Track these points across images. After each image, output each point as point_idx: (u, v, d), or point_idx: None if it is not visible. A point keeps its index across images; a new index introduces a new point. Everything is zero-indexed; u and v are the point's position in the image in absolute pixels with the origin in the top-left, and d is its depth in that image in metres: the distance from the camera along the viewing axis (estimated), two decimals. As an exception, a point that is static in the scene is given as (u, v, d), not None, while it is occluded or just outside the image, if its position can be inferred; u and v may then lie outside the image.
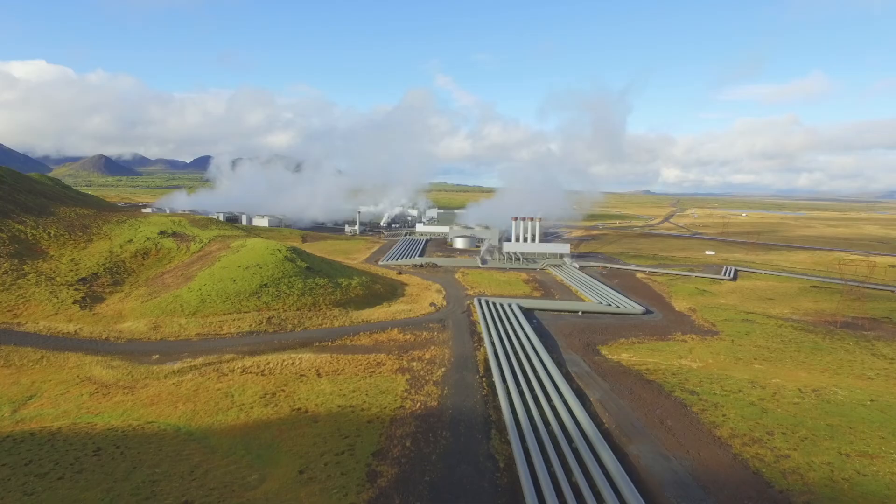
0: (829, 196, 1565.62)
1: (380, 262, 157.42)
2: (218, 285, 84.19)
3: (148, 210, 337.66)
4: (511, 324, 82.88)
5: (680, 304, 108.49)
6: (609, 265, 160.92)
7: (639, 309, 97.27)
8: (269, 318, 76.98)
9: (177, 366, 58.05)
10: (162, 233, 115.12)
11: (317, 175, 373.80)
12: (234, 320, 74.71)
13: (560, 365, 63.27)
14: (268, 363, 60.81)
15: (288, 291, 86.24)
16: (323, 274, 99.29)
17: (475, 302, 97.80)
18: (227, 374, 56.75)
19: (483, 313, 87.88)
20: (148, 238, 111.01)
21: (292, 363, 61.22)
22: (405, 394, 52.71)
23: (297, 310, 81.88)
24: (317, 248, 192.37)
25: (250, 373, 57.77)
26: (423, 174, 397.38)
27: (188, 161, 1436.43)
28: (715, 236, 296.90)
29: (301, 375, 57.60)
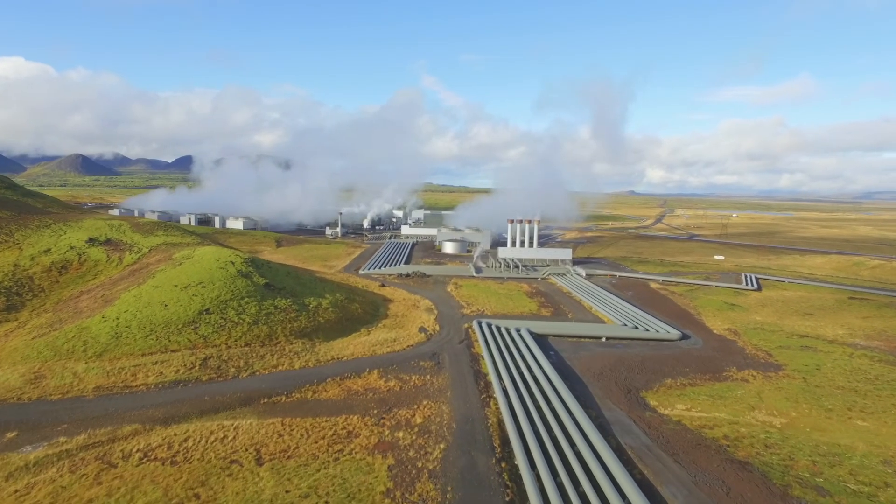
0: (810, 196, 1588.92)
1: (360, 272, 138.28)
2: (144, 311, 64.26)
3: (115, 211, 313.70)
4: (524, 358, 64.77)
5: (715, 324, 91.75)
6: (617, 273, 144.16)
7: (674, 333, 79.99)
8: (205, 358, 57.39)
9: (37, 453, 38.31)
10: (91, 240, 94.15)
11: (300, 176, 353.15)
12: (155, 364, 54.96)
13: (605, 432, 45.20)
14: (186, 439, 41.50)
15: (237, 319, 66.61)
16: (286, 292, 79.84)
17: (475, 326, 79.52)
18: (115, 466, 37.32)
19: (487, 344, 69.59)
20: (71, 247, 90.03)
21: (223, 437, 42.02)
22: (387, 500, 34.05)
23: (246, 345, 62.35)
24: (291, 255, 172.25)
25: (154, 459, 38.44)
26: (413, 174, 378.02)
27: (170, 161, 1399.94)
28: (714, 238, 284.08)
29: (231, 462, 38.48)
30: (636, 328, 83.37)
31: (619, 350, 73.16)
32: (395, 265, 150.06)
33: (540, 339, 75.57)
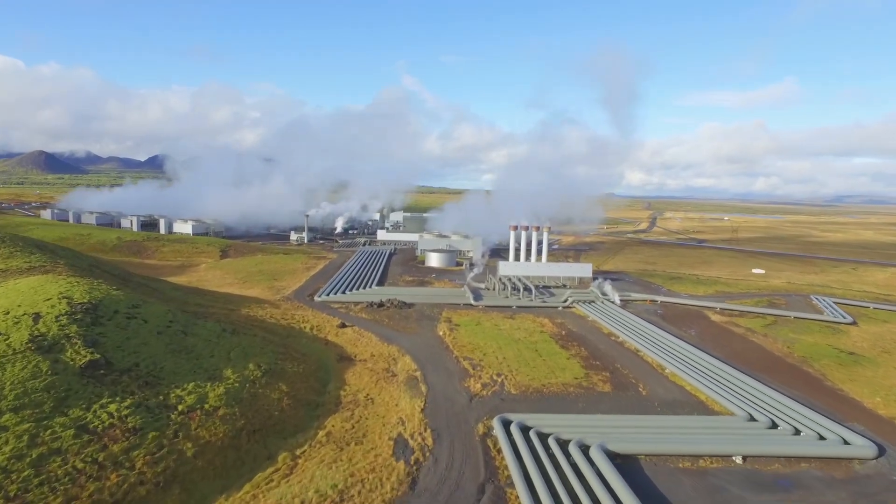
0: (785, 199, 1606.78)
1: (316, 297, 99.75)
2: None
3: (46, 212, 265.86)
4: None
5: (872, 400, 57.31)
6: (658, 298, 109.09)
7: (864, 445, 44.05)
8: None
9: None
10: None
11: (273, 175, 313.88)
12: None
13: None
14: None
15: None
16: (136, 377, 40.77)
17: (501, 437, 42.23)
18: None
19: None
20: None
21: None
22: None
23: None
24: (232, 270, 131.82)
25: None
26: (396, 173, 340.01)
27: (143, 159, 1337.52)
28: (727, 245, 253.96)
29: None
30: (775, 426, 47.46)
31: (790, 495, 36.87)
32: (364, 286, 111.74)
33: (627, 468, 38.74)
